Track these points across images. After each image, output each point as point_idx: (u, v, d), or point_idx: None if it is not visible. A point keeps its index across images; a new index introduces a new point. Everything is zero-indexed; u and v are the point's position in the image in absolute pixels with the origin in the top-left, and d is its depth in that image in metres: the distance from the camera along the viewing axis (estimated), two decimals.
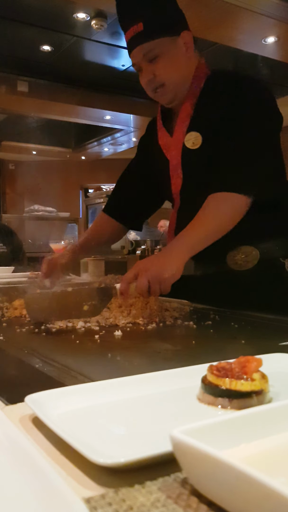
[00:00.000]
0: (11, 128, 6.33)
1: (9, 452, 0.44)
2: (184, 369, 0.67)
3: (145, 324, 1.17)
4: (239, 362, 0.58)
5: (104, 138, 6.59)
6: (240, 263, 1.43)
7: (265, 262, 1.42)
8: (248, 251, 1.42)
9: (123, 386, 0.60)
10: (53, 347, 0.98)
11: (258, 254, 1.42)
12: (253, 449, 0.40)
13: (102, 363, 0.84)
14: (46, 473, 0.38)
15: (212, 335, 1.08)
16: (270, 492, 0.30)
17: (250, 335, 1.06)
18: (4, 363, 0.88)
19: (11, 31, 3.87)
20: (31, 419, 0.54)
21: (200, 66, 1.44)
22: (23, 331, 1.10)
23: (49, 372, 0.75)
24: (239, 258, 1.43)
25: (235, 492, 0.33)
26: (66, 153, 7.34)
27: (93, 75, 4.83)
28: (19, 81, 4.77)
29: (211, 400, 0.55)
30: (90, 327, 1.12)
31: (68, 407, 0.54)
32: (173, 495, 0.38)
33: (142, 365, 0.80)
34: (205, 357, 0.70)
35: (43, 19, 3.65)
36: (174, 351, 0.95)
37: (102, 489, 0.39)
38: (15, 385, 0.72)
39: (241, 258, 1.43)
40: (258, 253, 1.42)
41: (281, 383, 0.61)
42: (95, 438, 0.46)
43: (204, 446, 0.35)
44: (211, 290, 1.49)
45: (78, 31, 3.87)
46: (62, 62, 4.50)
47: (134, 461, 0.40)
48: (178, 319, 1.24)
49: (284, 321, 1.20)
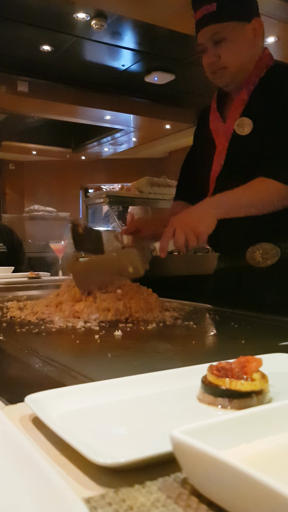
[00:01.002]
0: (11, 128, 6.33)
1: (9, 452, 0.44)
2: (184, 369, 0.67)
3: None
4: (239, 362, 0.58)
5: (104, 138, 6.59)
6: (259, 260, 1.42)
7: (284, 261, 1.40)
8: (269, 248, 1.41)
9: (123, 386, 0.60)
10: (53, 347, 0.98)
11: (279, 252, 1.40)
12: (253, 449, 0.40)
13: (102, 363, 0.84)
14: (46, 473, 0.38)
15: (212, 335, 1.08)
16: (270, 492, 0.30)
17: (250, 335, 1.06)
18: (4, 363, 0.88)
19: (11, 31, 3.87)
20: (31, 419, 0.54)
21: (264, 56, 1.44)
22: (23, 331, 1.10)
23: (49, 372, 0.75)
24: (258, 255, 1.42)
25: (235, 492, 0.33)
26: (66, 153, 7.34)
27: (93, 75, 4.83)
28: (19, 81, 4.77)
29: (211, 400, 0.55)
30: (90, 327, 1.12)
31: (68, 407, 0.54)
32: (173, 495, 0.38)
33: (142, 365, 0.80)
34: (205, 357, 0.70)
35: (43, 19, 3.66)
36: (174, 351, 0.95)
37: (102, 489, 0.39)
38: (15, 385, 0.72)
39: (260, 254, 1.41)
40: (278, 251, 1.40)
41: (281, 383, 0.61)
42: (95, 438, 0.46)
43: (204, 446, 0.35)
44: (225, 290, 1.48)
45: (78, 31, 3.87)
46: (62, 62, 4.50)
47: (134, 461, 0.40)
48: (178, 319, 1.24)
49: (284, 321, 1.20)
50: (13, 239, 3.76)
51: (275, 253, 1.40)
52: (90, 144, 6.95)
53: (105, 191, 4.57)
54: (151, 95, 5.30)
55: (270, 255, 1.40)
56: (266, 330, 1.15)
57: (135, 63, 4.53)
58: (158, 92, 5.13)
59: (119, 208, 6.14)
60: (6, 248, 3.62)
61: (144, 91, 5.19)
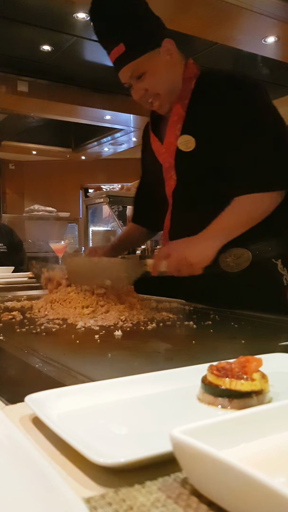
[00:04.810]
0: (11, 128, 6.33)
1: (9, 452, 0.44)
2: (184, 369, 0.67)
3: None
4: (239, 362, 0.58)
5: (104, 138, 6.59)
6: (232, 265, 1.42)
7: (257, 264, 1.41)
8: (240, 253, 1.41)
9: (123, 386, 0.60)
10: (53, 347, 0.98)
11: (250, 256, 1.41)
12: (253, 449, 0.40)
13: (102, 363, 0.84)
14: (46, 473, 0.38)
15: (212, 335, 1.08)
16: (270, 492, 0.30)
17: (250, 335, 1.06)
18: (4, 363, 0.88)
19: (11, 31, 3.87)
20: (31, 419, 0.54)
21: (188, 67, 1.44)
22: (23, 331, 1.10)
23: (49, 372, 0.75)
24: (231, 260, 1.42)
25: (235, 492, 0.33)
26: (66, 153, 7.33)
27: (93, 75, 4.83)
28: (19, 81, 4.77)
29: (211, 400, 0.55)
30: (90, 327, 1.12)
31: (68, 407, 0.54)
32: (173, 495, 0.38)
33: (142, 365, 0.80)
34: (205, 357, 0.70)
35: (43, 19, 3.66)
36: (174, 351, 0.95)
37: (102, 489, 0.39)
38: (15, 385, 0.72)
39: (232, 260, 1.42)
40: (250, 255, 1.41)
41: (281, 383, 0.61)
42: (95, 438, 0.46)
43: (204, 446, 0.35)
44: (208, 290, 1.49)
45: (78, 31, 3.87)
46: (62, 62, 4.50)
47: (134, 461, 0.40)
48: (178, 319, 1.24)
49: (284, 321, 1.20)
50: (13, 239, 3.76)
51: (247, 257, 1.41)
52: (90, 144, 6.95)
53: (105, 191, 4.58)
54: None
55: (243, 260, 1.41)
56: (266, 330, 1.15)
57: None
58: None
59: (119, 208, 6.15)
60: (6, 248, 3.62)
61: None
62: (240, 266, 1.42)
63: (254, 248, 1.41)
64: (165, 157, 1.47)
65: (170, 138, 1.44)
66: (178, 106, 1.42)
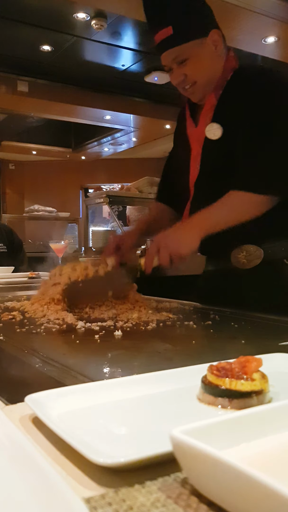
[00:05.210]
0: (11, 128, 6.33)
1: (9, 452, 0.44)
2: (184, 369, 0.67)
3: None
4: (239, 362, 0.58)
5: (104, 138, 6.58)
6: (243, 261, 1.43)
7: (268, 263, 1.41)
8: (252, 250, 1.42)
9: (123, 386, 0.60)
10: (53, 347, 0.98)
11: (262, 254, 1.41)
12: (253, 449, 0.40)
13: (102, 363, 0.84)
14: (46, 473, 0.38)
15: (212, 335, 1.08)
16: (270, 492, 0.30)
17: (250, 335, 1.06)
18: (4, 363, 0.88)
19: (11, 31, 3.86)
20: (31, 419, 0.54)
21: (229, 60, 1.45)
22: (23, 331, 1.10)
23: (49, 372, 0.75)
24: (242, 257, 1.43)
25: (235, 492, 0.33)
26: (66, 153, 7.33)
27: (93, 75, 4.83)
28: (19, 81, 4.77)
29: (211, 400, 0.55)
30: (90, 327, 1.12)
31: (68, 407, 0.54)
32: (173, 495, 0.38)
33: (142, 365, 0.80)
34: (205, 357, 0.70)
35: (43, 19, 3.65)
36: (174, 351, 0.95)
37: (102, 489, 0.39)
38: (15, 385, 0.72)
39: (244, 256, 1.42)
40: (261, 252, 1.41)
41: (281, 383, 0.61)
42: (95, 438, 0.46)
43: (204, 446, 0.35)
44: (213, 290, 1.49)
45: (78, 31, 3.87)
46: (62, 62, 4.50)
47: (134, 461, 0.40)
48: (178, 319, 1.24)
49: (284, 321, 1.20)
50: (13, 239, 3.76)
51: (259, 255, 1.41)
52: (90, 144, 6.95)
53: (105, 191, 4.57)
54: (151, 95, 5.30)
55: (254, 257, 1.42)
56: (266, 330, 1.15)
57: (135, 63, 4.53)
58: (158, 92, 5.12)
59: (119, 208, 6.14)
60: (6, 248, 3.62)
61: (144, 91, 5.18)
62: (251, 263, 1.42)
63: (267, 247, 1.41)
64: (196, 145, 1.48)
65: (202, 126, 1.45)
66: (212, 96, 1.43)
